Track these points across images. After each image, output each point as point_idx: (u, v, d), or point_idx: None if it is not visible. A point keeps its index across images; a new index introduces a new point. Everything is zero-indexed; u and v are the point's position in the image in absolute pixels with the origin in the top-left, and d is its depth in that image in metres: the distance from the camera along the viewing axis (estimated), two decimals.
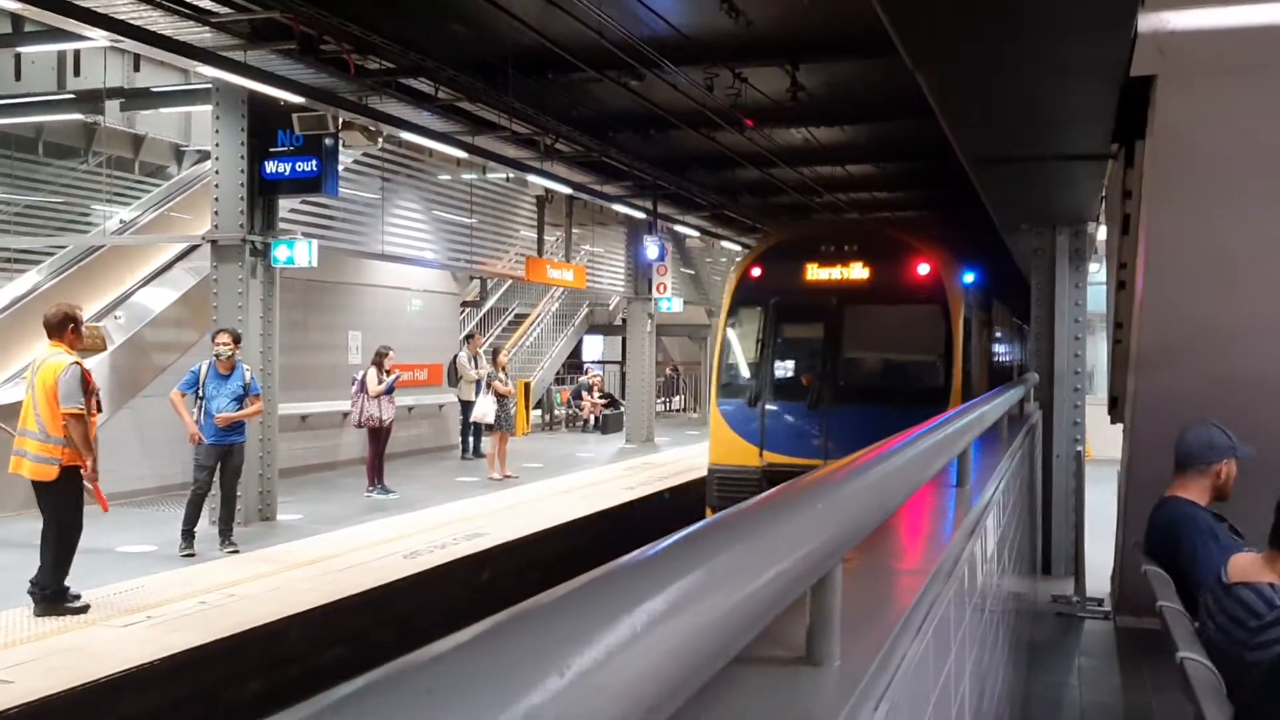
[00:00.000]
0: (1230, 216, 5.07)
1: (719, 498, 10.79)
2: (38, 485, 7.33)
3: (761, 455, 10.57)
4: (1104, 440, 10.23)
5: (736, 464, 10.77)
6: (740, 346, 11.61)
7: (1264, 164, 4.76)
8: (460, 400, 16.88)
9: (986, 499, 3.59)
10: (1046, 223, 9.67)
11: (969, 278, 11.36)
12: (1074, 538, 8.70)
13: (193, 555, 9.30)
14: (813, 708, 1.41)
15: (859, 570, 2.05)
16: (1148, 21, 4.03)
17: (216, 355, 9.46)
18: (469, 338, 17.84)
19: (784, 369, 11.32)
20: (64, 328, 7.47)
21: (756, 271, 11.58)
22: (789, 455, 10.39)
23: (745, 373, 11.42)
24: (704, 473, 11.47)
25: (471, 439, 17.01)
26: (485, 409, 14.64)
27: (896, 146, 15.67)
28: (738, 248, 24.34)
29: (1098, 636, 7.32)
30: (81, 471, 7.34)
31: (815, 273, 11.18)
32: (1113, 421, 7.78)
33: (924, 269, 10.85)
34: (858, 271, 11.02)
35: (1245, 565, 3.37)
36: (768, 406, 10.78)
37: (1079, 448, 9.30)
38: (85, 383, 7.32)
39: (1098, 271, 12.85)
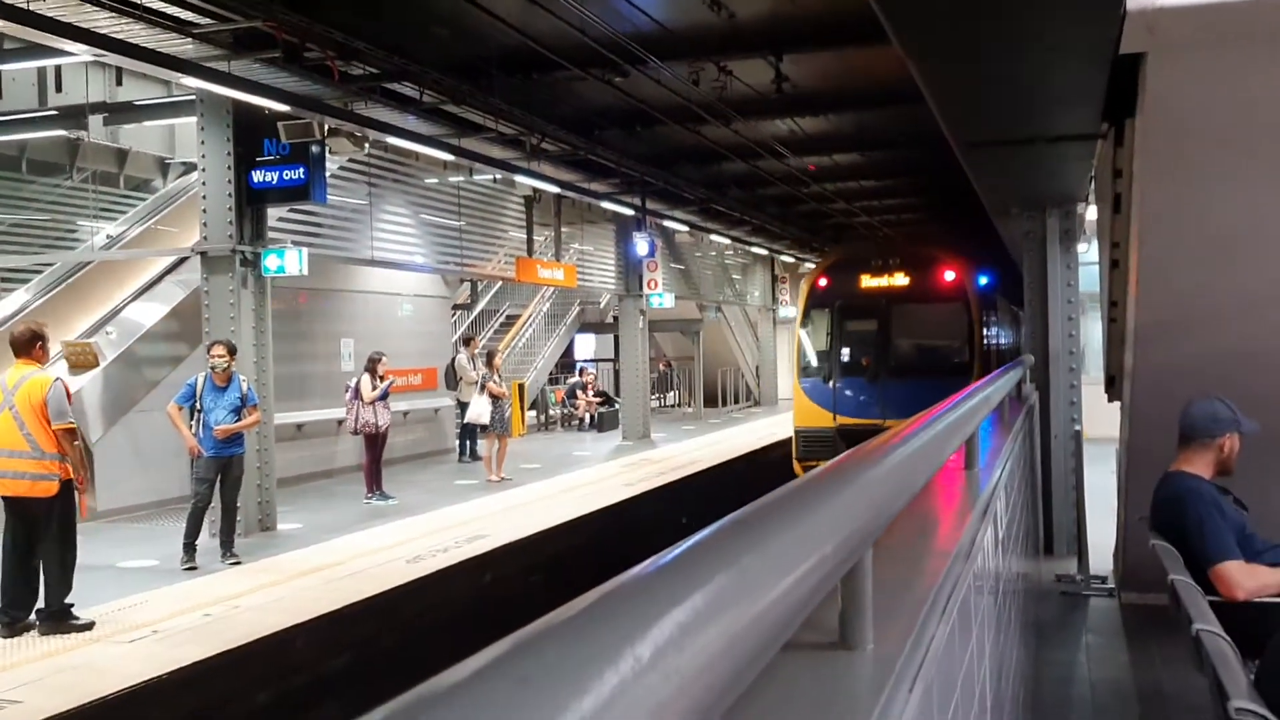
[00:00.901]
0: (1223, 191, 5.08)
1: (805, 451, 14.32)
2: (32, 504, 7.28)
3: (835, 419, 14.12)
4: (1098, 420, 10.26)
5: (816, 426, 14.38)
6: (813, 339, 15.24)
7: (1256, 137, 4.77)
8: (460, 402, 16.88)
9: (995, 481, 3.60)
10: (1036, 205, 9.69)
11: (983, 280, 14.64)
12: (1075, 517, 8.73)
13: (195, 568, 9.27)
14: (852, 692, 1.42)
15: (882, 555, 2.05)
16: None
17: (212, 368, 9.44)
18: (468, 340, 17.83)
19: (848, 354, 14.83)
20: (32, 345, 7.51)
21: (823, 282, 15.22)
22: (855, 417, 13.82)
23: (816, 359, 15.11)
24: (702, 467, 14.59)
25: (469, 442, 17.00)
26: (480, 410, 14.63)
27: (882, 135, 15.70)
28: (727, 241, 24.38)
29: (1103, 614, 7.35)
30: (76, 484, 7.37)
31: (869, 281, 14.76)
32: (1110, 400, 7.80)
33: (950, 276, 14.42)
34: (900, 280, 14.63)
35: None
36: (838, 382, 14.44)
37: (1077, 428, 9.33)
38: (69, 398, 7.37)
39: (1087, 252, 12.90)
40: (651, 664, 0.67)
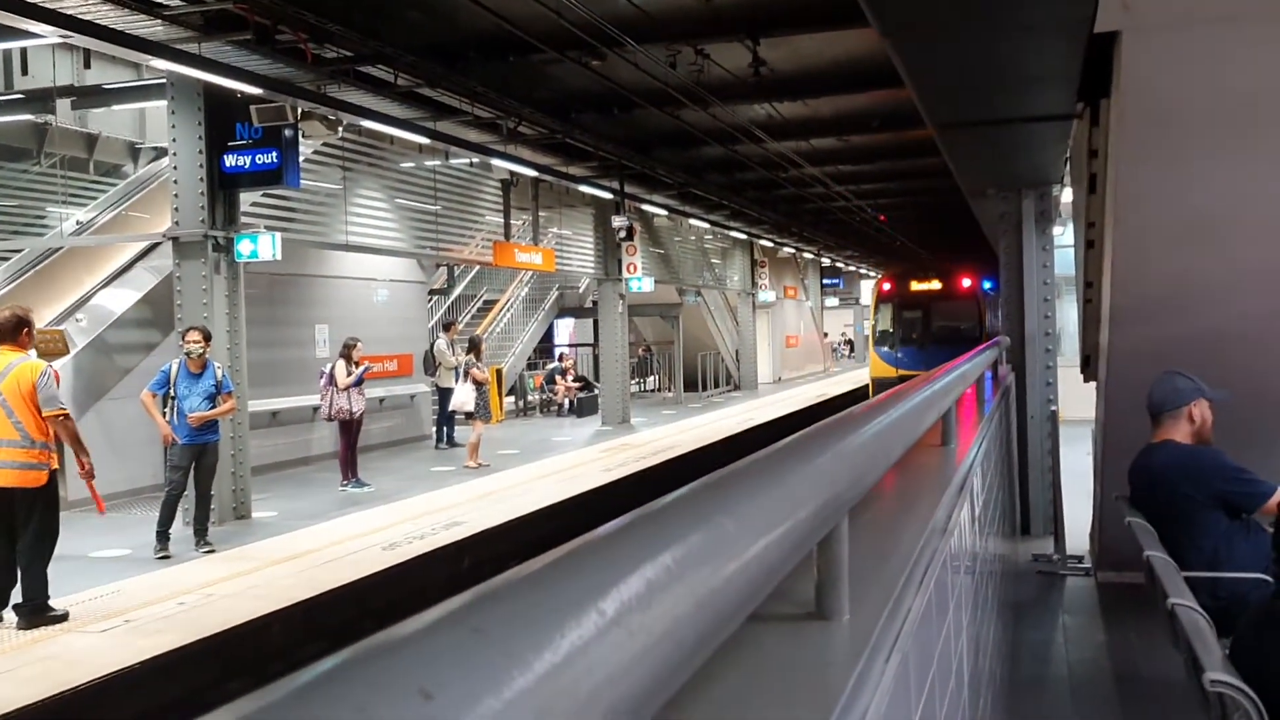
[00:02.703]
0: (1199, 170, 5.09)
1: (879, 393, 19.00)
2: (18, 494, 7.14)
3: (897, 371, 19.92)
4: (1073, 401, 10.32)
5: (885, 376, 20.44)
6: (883, 323, 22.89)
7: (1231, 116, 4.77)
8: (439, 388, 16.80)
9: (972, 459, 3.59)
10: (1012, 187, 9.70)
11: (987, 285, 19.23)
12: (1051, 497, 8.77)
13: (169, 557, 9.19)
14: (828, 661, 1.40)
15: (859, 528, 2.03)
16: None
17: (187, 354, 9.35)
18: (448, 325, 17.74)
19: (905, 330, 22.53)
20: (18, 331, 7.31)
21: (887, 286, 23.28)
22: (909, 370, 18.39)
23: (887, 333, 22.74)
24: (685, 450, 15.95)
25: (446, 428, 16.93)
26: (464, 397, 14.58)
27: (859, 119, 15.70)
28: (706, 225, 24.36)
29: (1079, 593, 7.39)
30: (79, 473, 7.30)
31: (916, 286, 22.69)
32: (1085, 381, 7.83)
33: (966, 282, 21.99)
34: (935, 285, 22.51)
35: None
36: (898, 349, 22.08)
37: (1053, 408, 9.38)
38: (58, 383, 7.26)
39: (1063, 235, 12.93)
40: (616, 619, 0.64)
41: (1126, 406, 5.69)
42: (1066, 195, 11.20)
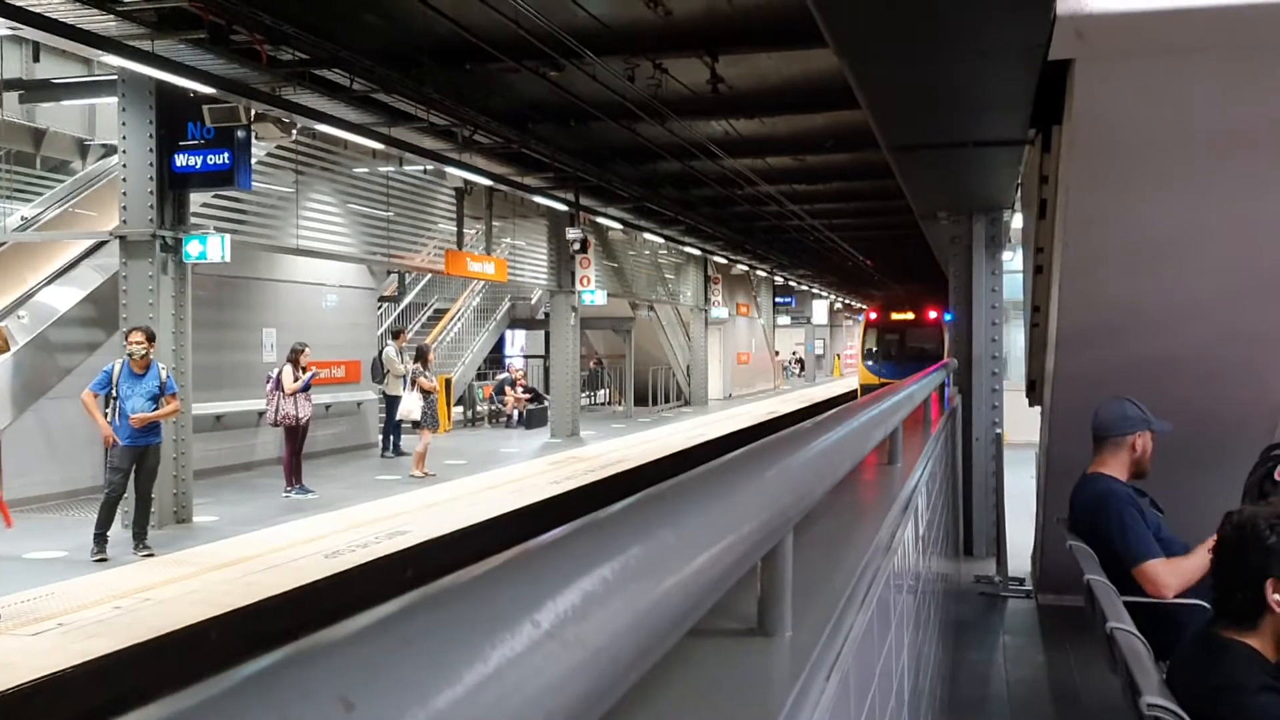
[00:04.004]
0: (1148, 199, 5.17)
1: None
2: None
3: (879, 380, 24.56)
4: (1019, 424, 10.44)
5: (870, 383, 25.36)
6: (869, 343, 29.14)
7: (1180, 147, 4.85)
8: (387, 396, 16.65)
9: (916, 479, 3.61)
10: (963, 210, 9.82)
11: (948, 316, 21.63)
12: (995, 519, 8.85)
13: (106, 560, 9.02)
14: (768, 678, 1.39)
15: (803, 545, 2.03)
16: (1066, 4, 4.07)
17: (130, 354, 9.19)
18: (397, 333, 17.59)
19: (886, 349, 28.69)
20: None
21: (873, 315, 29.88)
22: (889, 378, 21.10)
23: (871, 351, 28.89)
24: (633, 465, 15.98)
25: (392, 437, 16.78)
26: (411, 406, 14.46)
27: (816, 139, 15.83)
28: (660, 240, 24.41)
29: (1020, 615, 7.46)
30: None
31: (893, 316, 29.08)
32: (1031, 404, 7.91)
33: (933, 314, 27.32)
34: (909, 315, 28.74)
35: None
36: (881, 363, 27.95)
37: (998, 431, 9.47)
38: None
39: (1012, 259, 13.10)
40: (551, 631, 0.63)
41: (1070, 431, 5.76)
42: (1017, 221, 11.34)
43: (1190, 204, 5.12)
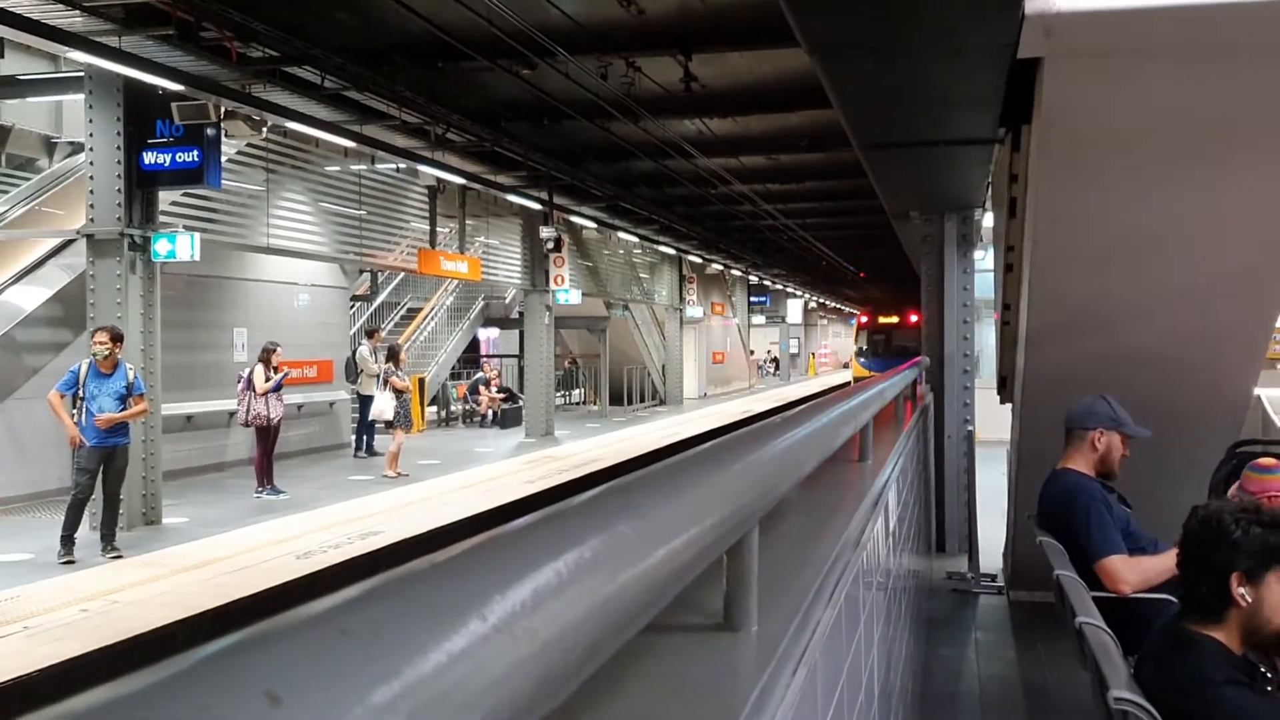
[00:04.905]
0: (1114, 198, 5.21)
1: None
2: None
3: (869, 373, 26.22)
4: (990, 422, 10.49)
5: (861, 375, 28.20)
6: (861, 342, 34.91)
7: (1146, 145, 4.89)
8: (360, 395, 16.57)
9: (887, 475, 3.62)
10: (935, 209, 9.86)
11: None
12: (966, 516, 8.90)
13: (73, 562, 8.92)
14: (733, 672, 1.38)
15: (771, 541, 2.02)
16: (1035, 3, 4.09)
17: (94, 355, 9.10)
18: (371, 332, 17.50)
19: (875, 347, 33.79)
20: None
21: (864, 319, 36.12)
22: (877, 371, 21.70)
23: (862, 349, 34.53)
24: (608, 463, 15.70)
25: (366, 437, 16.69)
26: (383, 406, 14.40)
27: (789, 138, 15.86)
28: (635, 239, 24.40)
29: (992, 611, 7.49)
30: None
31: (882, 319, 34.70)
32: (1002, 401, 7.95)
33: (914, 318, 25.29)
34: (895, 319, 33.74)
35: None
36: (871, 359, 32.17)
37: (969, 428, 9.52)
38: None
39: (984, 258, 13.17)
40: (499, 625, 0.61)
41: (1040, 428, 5.79)
42: (988, 220, 11.40)
43: (1157, 201, 5.16)
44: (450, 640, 0.56)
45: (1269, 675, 2.88)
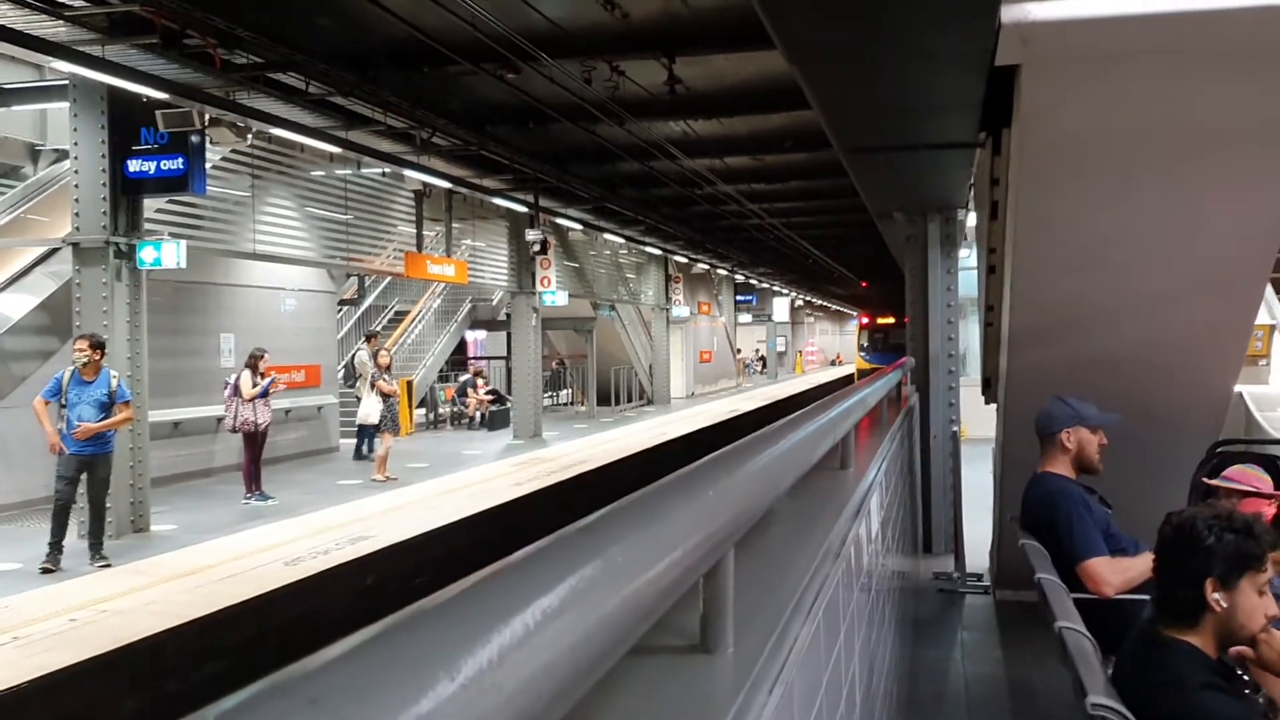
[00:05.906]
0: (1092, 201, 5.25)
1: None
2: None
3: (870, 365, 31.45)
4: (977, 420, 10.55)
5: (864, 368, 33.33)
6: (865, 340, 38.25)
7: (1124, 149, 4.94)
8: (360, 399, 16.57)
9: (869, 480, 3.65)
10: (918, 210, 9.90)
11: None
12: (953, 515, 8.95)
13: (51, 570, 8.92)
14: (708, 695, 1.41)
15: (747, 556, 2.05)
16: (1010, 12, 4.13)
17: (74, 363, 9.10)
18: (369, 336, 17.48)
19: (874, 344, 37.28)
20: None
21: (864, 320, 39.31)
22: (876, 364, 24.46)
23: (863, 345, 38.25)
24: (597, 464, 16.10)
25: (366, 439, 16.68)
26: (369, 409, 14.39)
27: (774, 139, 15.89)
28: (621, 240, 24.42)
29: (978, 610, 7.54)
30: None
31: (880, 321, 37.60)
32: (986, 402, 8.01)
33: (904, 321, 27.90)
34: (890, 320, 35.81)
35: None
36: (872, 354, 36.30)
37: (955, 428, 9.57)
38: None
39: (968, 257, 13.23)
40: (466, 683, 0.64)
41: (1024, 428, 5.82)
42: (972, 219, 11.46)
43: (1135, 204, 5.21)
44: (419, 704, 0.58)
45: (1245, 678, 2.93)
